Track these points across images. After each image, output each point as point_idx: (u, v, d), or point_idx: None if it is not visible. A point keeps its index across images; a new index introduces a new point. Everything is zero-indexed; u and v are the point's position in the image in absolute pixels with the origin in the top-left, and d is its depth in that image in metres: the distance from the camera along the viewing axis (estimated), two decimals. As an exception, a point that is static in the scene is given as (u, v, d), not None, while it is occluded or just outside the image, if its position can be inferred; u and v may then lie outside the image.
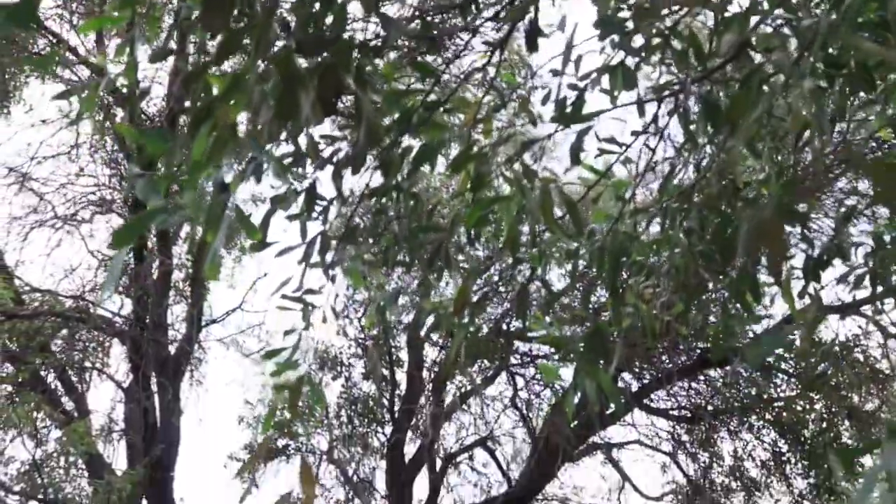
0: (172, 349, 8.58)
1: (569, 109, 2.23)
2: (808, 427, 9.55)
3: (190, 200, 1.29)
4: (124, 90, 7.26)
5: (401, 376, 9.18)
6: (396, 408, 9.05)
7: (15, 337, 8.17)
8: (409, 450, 9.63)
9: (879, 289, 3.02)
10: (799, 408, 9.54)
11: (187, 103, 6.80)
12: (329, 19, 1.66)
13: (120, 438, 8.56)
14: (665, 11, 2.22)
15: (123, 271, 8.66)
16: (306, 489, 1.71)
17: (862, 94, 2.41)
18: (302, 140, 1.87)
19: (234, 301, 9.97)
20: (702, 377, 9.74)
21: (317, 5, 1.65)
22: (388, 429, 9.32)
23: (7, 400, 8.24)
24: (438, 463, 9.60)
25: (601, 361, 2.21)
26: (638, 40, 2.34)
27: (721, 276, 2.40)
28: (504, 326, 7.55)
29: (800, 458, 9.58)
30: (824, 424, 9.49)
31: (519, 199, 2.02)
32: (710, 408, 9.60)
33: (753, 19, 2.09)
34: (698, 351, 8.79)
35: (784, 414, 9.58)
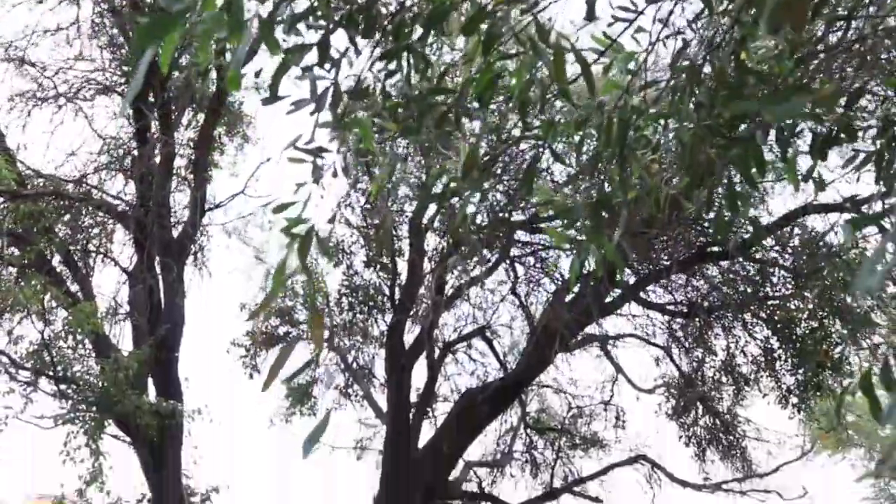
0: (176, 233, 8.65)
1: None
2: (800, 325, 9.72)
3: (210, 15, 1.28)
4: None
5: (402, 266, 9.28)
6: (397, 296, 9.16)
7: (19, 219, 8.20)
8: (409, 340, 9.82)
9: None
10: (792, 307, 9.69)
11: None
12: None
13: (125, 319, 8.72)
14: None
15: (126, 153, 8.66)
16: (315, 332, 1.76)
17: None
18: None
19: (236, 189, 9.93)
20: (699, 274, 9.85)
21: None
22: (389, 317, 9.47)
23: (14, 281, 8.34)
24: (437, 352, 9.79)
25: (606, 230, 2.24)
26: None
27: (727, 150, 2.41)
28: (505, 216, 7.59)
29: (790, 355, 9.77)
30: (815, 323, 9.66)
31: (531, 59, 2.01)
32: (705, 304, 9.73)
33: None
34: (698, 245, 8.85)
35: (777, 312, 9.74)
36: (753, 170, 2.40)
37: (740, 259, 9.14)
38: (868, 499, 19.27)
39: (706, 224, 8.70)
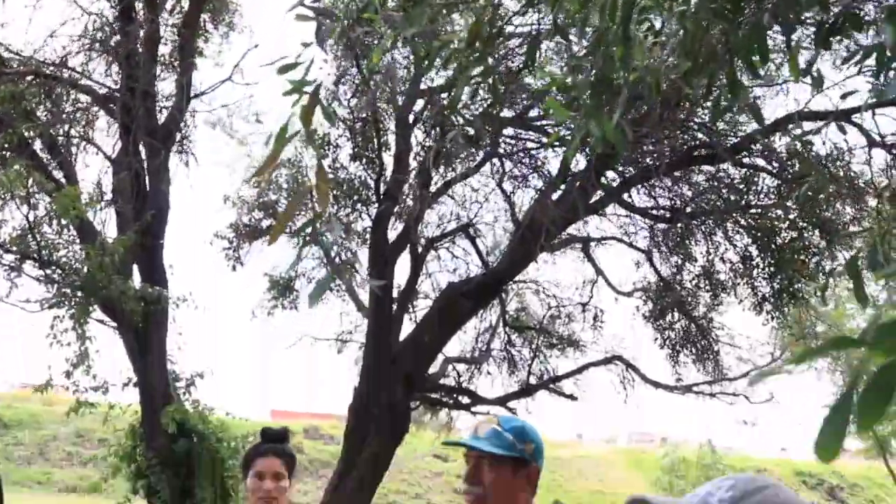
0: (161, 120, 8.54)
1: None
2: (780, 235, 9.86)
3: None
4: None
5: (388, 161, 9.24)
6: (382, 190, 9.16)
7: (-1, 101, 8.06)
8: (393, 237, 9.86)
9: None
10: (773, 216, 9.82)
11: None
12: None
13: (109, 205, 8.69)
14: None
15: (111, 33, 8.45)
16: (321, 187, 1.78)
17: None
18: None
19: (221, 80, 9.75)
20: (684, 180, 9.90)
21: None
22: (374, 210, 9.48)
23: (-4, 165, 8.26)
24: (420, 248, 9.86)
25: (607, 108, 2.25)
26: None
27: (731, 35, 2.40)
28: (495, 111, 7.54)
29: (768, 263, 9.94)
30: (795, 234, 9.81)
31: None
32: (688, 210, 9.82)
33: None
34: (686, 148, 8.87)
35: (758, 221, 9.86)
36: (756, 57, 2.40)
37: (727, 164, 9.19)
38: (829, 406, 19.94)
39: (696, 126, 8.72)
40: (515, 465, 2.60)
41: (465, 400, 11.39)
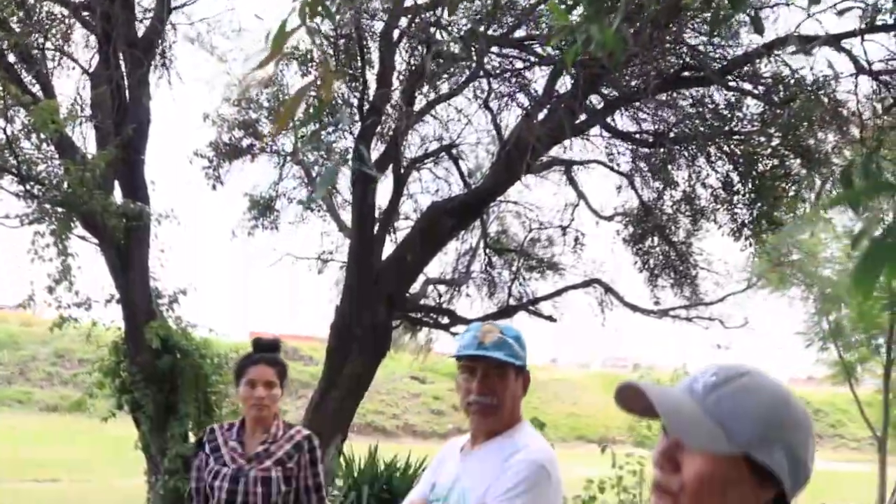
0: (141, 32, 8.34)
1: None
2: (762, 162, 9.91)
3: None
4: None
5: (371, 79, 9.11)
6: (365, 108, 9.05)
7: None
8: (375, 157, 9.79)
9: None
10: (756, 143, 9.85)
11: None
12: None
13: (88, 120, 8.54)
14: None
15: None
16: (326, 77, 1.77)
17: None
18: None
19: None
20: (668, 105, 9.86)
21: None
22: (356, 129, 9.39)
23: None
24: (403, 169, 9.81)
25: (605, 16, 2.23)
26: None
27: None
28: (482, 28, 7.43)
29: (749, 190, 10.01)
30: (777, 161, 9.87)
31: None
32: (671, 134, 9.82)
33: None
34: (673, 71, 8.81)
35: (741, 147, 9.89)
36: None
37: (712, 88, 9.16)
38: (801, 333, 20.39)
39: (684, 49, 8.65)
40: (516, 373, 2.66)
41: (445, 320, 11.51)
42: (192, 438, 7.85)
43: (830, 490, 14.78)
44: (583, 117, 8.66)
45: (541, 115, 8.30)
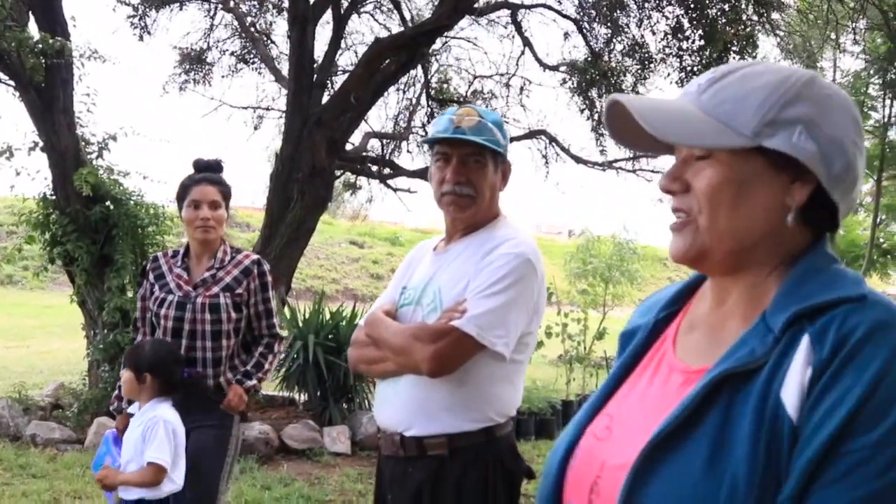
0: None
1: None
2: (713, 6, 9.69)
3: None
4: None
5: None
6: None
7: None
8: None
9: None
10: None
11: None
12: None
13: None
14: None
15: None
16: None
17: None
18: None
19: None
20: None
21: None
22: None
23: None
24: (343, 10, 9.30)
25: None
26: None
27: None
28: None
29: (699, 36, 9.81)
30: (728, 6, 9.65)
31: None
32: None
33: None
34: None
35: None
36: None
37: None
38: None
39: None
40: (496, 162, 2.43)
41: (387, 171, 11.25)
42: (130, 291, 7.58)
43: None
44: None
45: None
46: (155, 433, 3.14)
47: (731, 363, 1.03)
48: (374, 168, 11.33)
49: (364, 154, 10.77)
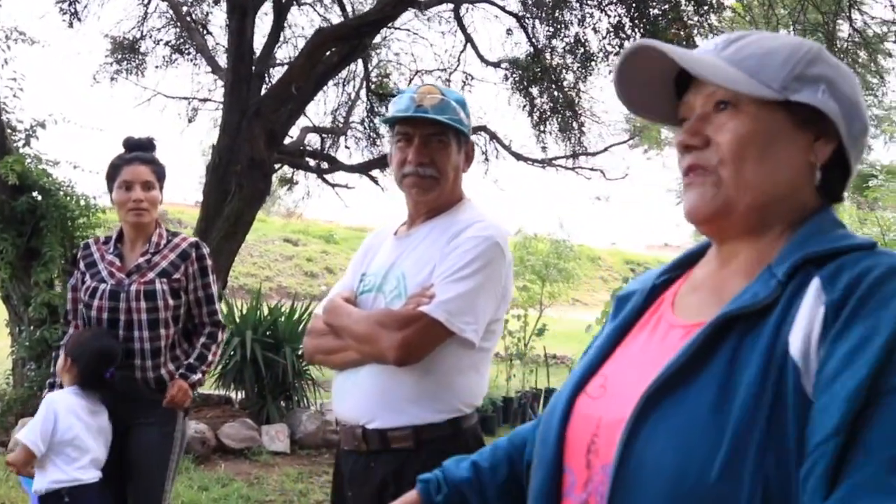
0: None
1: None
2: (655, 6, 9.76)
3: None
4: None
5: None
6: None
7: None
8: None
9: None
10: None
11: None
12: None
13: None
14: None
15: None
16: None
17: None
18: None
19: None
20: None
21: None
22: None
23: None
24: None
25: None
26: None
27: None
28: None
29: (641, 34, 9.87)
30: (669, 6, 9.73)
31: None
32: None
33: None
34: None
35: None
36: None
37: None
38: (672, 190, 21.09)
39: None
40: (459, 142, 2.32)
41: (325, 165, 11.06)
42: (58, 286, 7.26)
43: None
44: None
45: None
46: (37, 414, 3.07)
47: (733, 306, 1.01)
48: (313, 162, 11.11)
49: (302, 148, 10.54)
